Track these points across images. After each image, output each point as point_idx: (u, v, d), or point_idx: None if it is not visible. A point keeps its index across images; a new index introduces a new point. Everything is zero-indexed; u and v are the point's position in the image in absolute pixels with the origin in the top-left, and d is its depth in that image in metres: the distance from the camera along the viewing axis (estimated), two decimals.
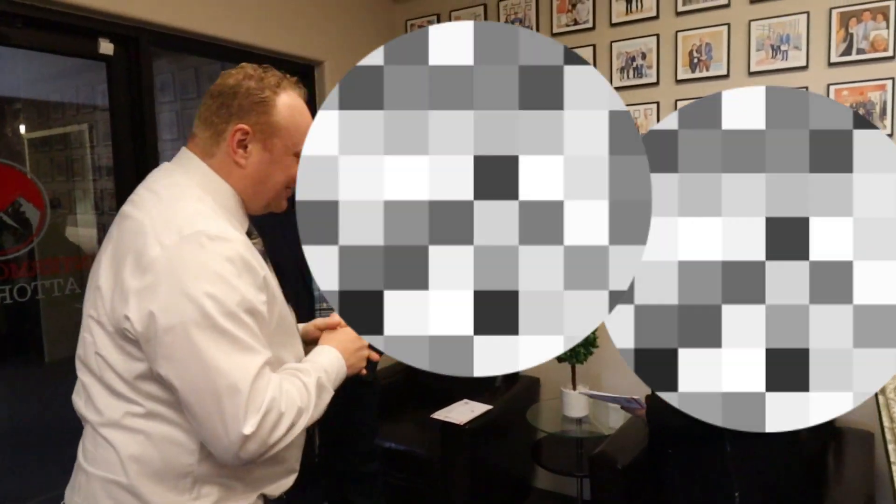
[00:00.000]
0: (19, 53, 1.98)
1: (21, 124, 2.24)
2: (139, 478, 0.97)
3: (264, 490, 1.08)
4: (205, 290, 0.91)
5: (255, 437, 0.91)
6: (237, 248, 0.96)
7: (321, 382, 1.06)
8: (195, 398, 0.91)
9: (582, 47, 2.73)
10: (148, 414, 0.97)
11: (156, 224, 0.96)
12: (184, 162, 1.06)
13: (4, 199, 1.94)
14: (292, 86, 1.09)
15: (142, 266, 0.93)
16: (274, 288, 1.05)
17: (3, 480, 1.93)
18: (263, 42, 2.53)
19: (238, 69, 1.07)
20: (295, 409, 0.97)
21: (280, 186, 1.10)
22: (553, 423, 2.59)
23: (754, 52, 2.40)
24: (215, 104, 1.04)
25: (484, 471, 2.51)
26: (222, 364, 0.90)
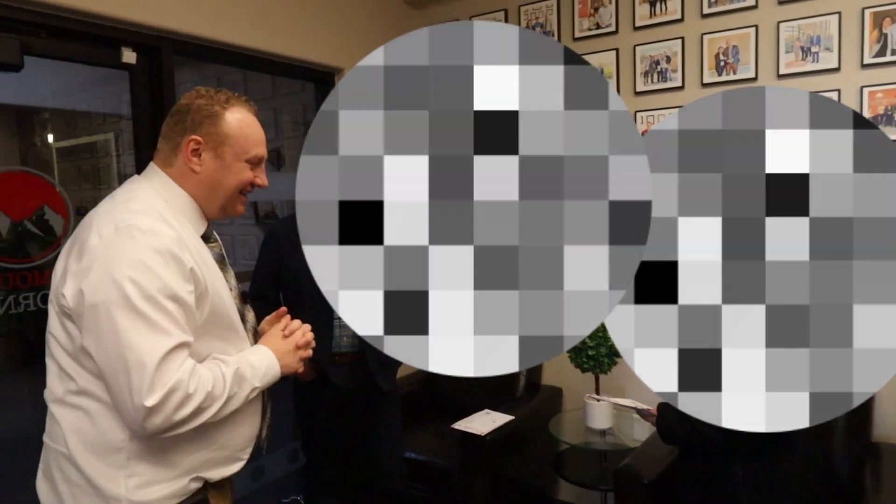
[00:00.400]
0: (47, 65, 2.01)
1: (49, 133, 2.27)
2: (78, 450, 1.08)
3: (203, 474, 1.16)
4: (128, 275, 1.02)
5: (159, 412, 1.00)
6: (165, 242, 1.06)
7: (241, 373, 1.14)
8: (109, 370, 1.02)
9: (604, 51, 2.69)
10: (80, 391, 1.08)
11: (100, 218, 1.09)
12: (148, 173, 1.21)
13: (29, 207, 1.96)
14: (241, 102, 1.22)
15: (81, 253, 1.06)
16: (208, 282, 1.13)
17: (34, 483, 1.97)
18: (284, 50, 2.53)
19: (193, 91, 1.22)
20: (204, 393, 1.06)
21: (232, 190, 1.21)
22: (576, 434, 2.53)
23: (783, 54, 2.34)
24: (173, 121, 1.19)
25: (505, 482, 2.47)
26: (134, 341, 1.00)
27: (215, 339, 1.16)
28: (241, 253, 3.28)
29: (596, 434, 2.48)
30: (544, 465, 2.77)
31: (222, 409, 1.09)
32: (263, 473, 2.80)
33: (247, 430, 1.22)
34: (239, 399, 1.13)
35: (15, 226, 1.93)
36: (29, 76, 1.96)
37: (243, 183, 1.21)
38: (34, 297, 1.95)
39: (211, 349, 1.15)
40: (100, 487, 1.07)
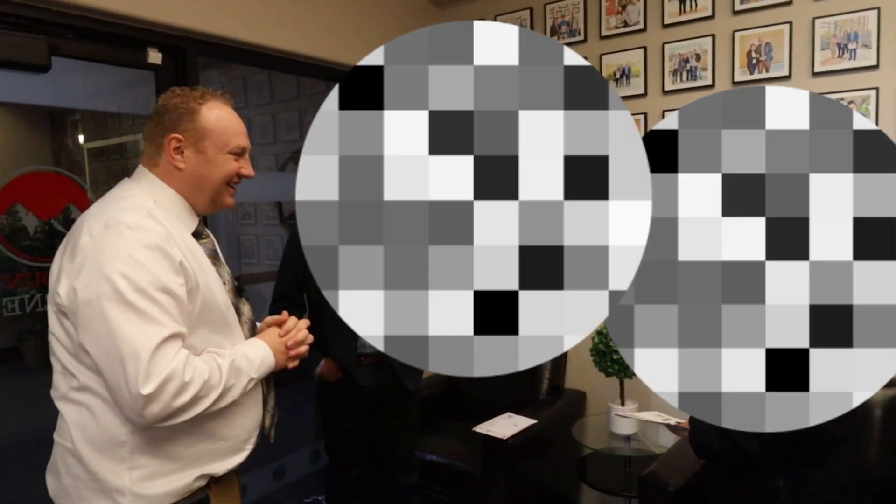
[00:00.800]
0: (78, 66, 2.04)
1: (80, 135, 2.30)
2: (81, 444, 1.10)
3: (206, 468, 1.17)
4: (118, 270, 1.04)
5: (157, 400, 1.02)
6: (153, 237, 1.08)
7: (237, 365, 1.15)
8: (105, 362, 1.04)
9: (632, 49, 2.64)
10: (82, 387, 1.10)
11: (90, 219, 1.13)
12: (137, 175, 1.24)
13: (56, 206, 1.99)
14: (216, 97, 1.24)
15: (74, 252, 1.09)
16: (197, 277, 1.15)
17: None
18: (308, 50, 2.53)
19: (168, 91, 1.24)
20: (201, 382, 1.07)
21: (219, 183, 1.23)
22: (600, 439, 2.49)
23: (819, 51, 2.26)
24: (153, 123, 1.22)
25: (526, 487, 2.43)
26: (126, 332, 1.02)
27: (210, 333, 1.18)
28: (265, 253, 3.30)
29: (620, 439, 2.44)
30: (566, 470, 2.73)
31: (220, 398, 1.11)
32: (285, 473, 2.81)
33: (248, 420, 1.24)
34: (237, 390, 1.15)
35: (42, 225, 1.96)
36: (60, 78, 1.99)
37: (229, 175, 1.23)
38: None
39: (206, 343, 1.16)
40: (104, 481, 1.10)
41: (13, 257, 1.89)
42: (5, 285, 1.87)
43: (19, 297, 1.89)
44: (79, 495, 1.12)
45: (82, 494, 1.12)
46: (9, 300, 1.87)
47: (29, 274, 1.92)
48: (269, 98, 3.33)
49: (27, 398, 2.15)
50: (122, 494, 1.10)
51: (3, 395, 2.10)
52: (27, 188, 1.92)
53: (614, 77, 2.70)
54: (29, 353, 2.11)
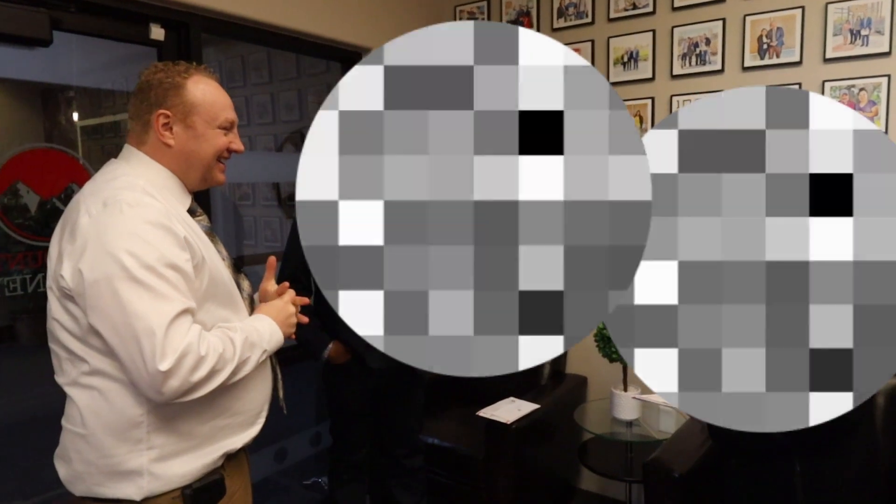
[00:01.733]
0: (73, 43, 1.99)
1: (74, 112, 2.25)
2: (96, 429, 1.09)
3: (221, 444, 1.18)
4: (124, 247, 1.02)
5: (175, 375, 1.01)
6: (155, 214, 1.07)
7: (251, 340, 1.15)
8: (119, 342, 1.02)
9: (640, 33, 2.61)
10: (94, 371, 1.09)
11: (86, 199, 1.10)
12: (125, 154, 1.21)
13: (58, 184, 1.95)
14: (200, 70, 1.22)
15: (73, 233, 1.06)
16: (203, 252, 1.14)
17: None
18: (312, 28, 2.48)
19: (150, 67, 1.21)
20: (216, 355, 1.06)
21: (209, 158, 1.21)
22: (602, 424, 2.50)
23: (831, 37, 2.24)
24: (137, 100, 1.19)
25: (528, 471, 2.44)
26: (139, 309, 1.01)
27: (217, 308, 1.17)
28: (263, 234, 3.26)
29: (622, 424, 2.45)
30: (568, 455, 2.74)
31: (235, 372, 1.11)
32: (286, 455, 2.81)
33: (259, 394, 1.25)
34: (251, 363, 1.15)
35: (44, 203, 1.92)
36: (54, 54, 1.94)
37: (219, 150, 1.21)
38: None
39: (215, 318, 1.15)
40: (120, 463, 1.09)
41: (14, 236, 1.86)
42: (7, 264, 1.84)
43: (21, 277, 1.86)
44: (93, 480, 1.11)
45: (97, 479, 1.10)
46: (10, 279, 1.83)
47: (31, 253, 1.89)
48: (268, 77, 3.27)
49: (22, 378, 2.13)
50: (140, 475, 1.09)
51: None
52: (28, 166, 1.88)
53: (622, 60, 2.67)
54: (24, 333, 2.09)
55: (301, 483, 2.88)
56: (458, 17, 3.16)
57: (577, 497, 2.91)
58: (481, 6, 3.06)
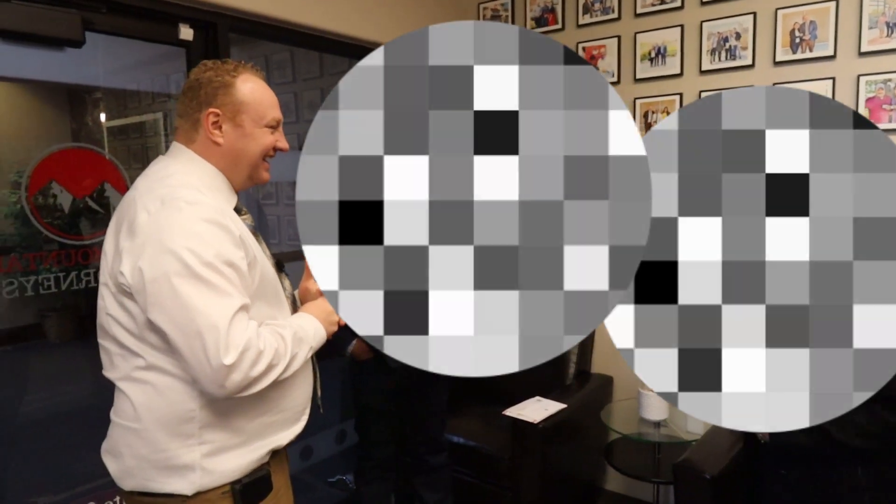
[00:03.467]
0: (100, 44, 2.01)
1: (101, 113, 2.28)
2: (149, 423, 1.10)
3: (268, 440, 1.19)
4: (184, 245, 1.03)
5: (237, 369, 1.02)
6: (211, 211, 1.08)
7: (299, 335, 1.17)
8: (181, 338, 1.03)
9: (668, 28, 2.57)
10: (149, 366, 1.10)
11: (143, 196, 1.11)
12: (174, 152, 1.22)
13: (90, 183, 1.98)
14: (248, 69, 1.23)
15: (132, 230, 1.07)
16: (255, 251, 1.16)
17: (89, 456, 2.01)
18: (336, 27, 2.49)
19: (199, 65, 1.22)
20: (273, 351, 1.08)
21: (257, 157, 1.23)
22: (629, 424, 2.47)
23: (866, 30, 2.19)
24: (187, 98, 1.20)
25: (554, 471, 2.42)
26: (201, 306, 1.02)
27: (265, 306, 1.18)
28: (286, 233, 3.29)
29: (650, 425, 2.42)
30: (594, 455, 2.72)
31: (288, 367, 1.12)
32: (312, 453, 2.82)
33: (302, 392, 1.27)
34: (300, 359, 1.16)
35: (76, 203, 1.95)
36: (81, 55, 1.97)
37: (266, 148, 1.23)
38: (95, 273, 1.97)
39: (262, 316, 1.16)
40: (172, 459, 1.10)
41: (48, 234, 1.89)
42: (41, 262, 1.87)
43: (54, 275, 1.88)
44: (145, 475, 1.12)
45: (149, 474, 1.11)
46: (45, 277, 1.86)
47: (64, 252, 1.92)
48: (291, 77, 3.29)
49: (50, 375, 2.17)
50: (192, 470, 1.10)
51: (27, 372, 2.11)
52: (61, 165, 1.90)
53: (649, 56, 2.64)
54: (52, 330, 2.12)
55: (326, 480, 2.89)
56: (481, 15, 3.15)
57: (602, 498, 2.88)
58: (505, 3, 3.04)
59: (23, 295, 1.82)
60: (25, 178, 1.83)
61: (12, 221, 1.88)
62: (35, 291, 1.85)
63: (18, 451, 2.01)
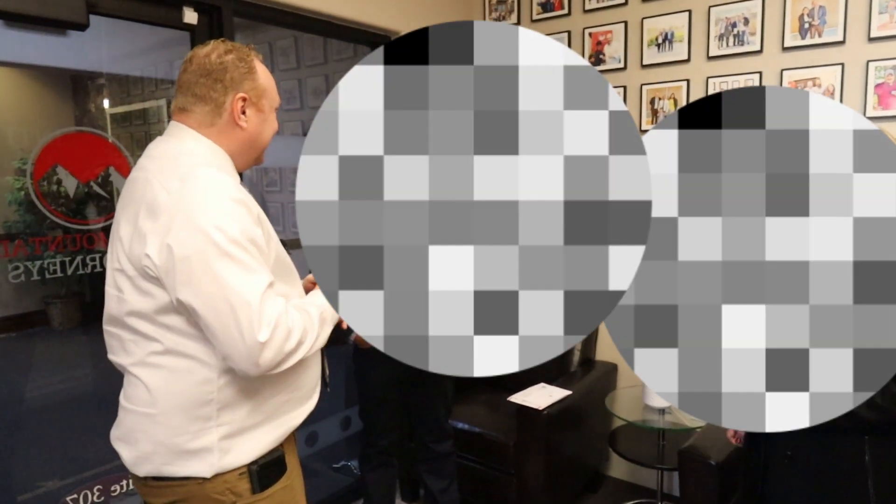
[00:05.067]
0: (103, 30, 2.00)
1: (105, 99, 2.27)
2: (167, 407, 1.09)
3: (284, 419, 1.19)
4: (210, 222, 1.02)
5: (271, 345, 1.02)
6: (231, 189, 1.07)
7: (323, 315, 1.18)
8: (213, 315, 1.02)
9: (676, 13, 2.55)
10: (167, 350, 1.09)
11: (159, 176, 1.09)
12: (175, 132, 1.17)
13: (95, 168, 1.97)
14: (256, 52, 1.23)
15: (154, 211, 1.05)
16: (269, 228, 1.16)
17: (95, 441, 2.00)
18: (342, 11, 2.47)
19: (211, 47, 1.18)
20: (301, 327, 1.09)
21: (269, 140, 1.25)
22: (634, 412, 2.48)
23: (876, 14, 2.16)
24: (209, 81, 1.15)
25: (558, 457, 2.43)
26: (233, 282, 1.02)
27: (281, 284, 1.17)
28: (290, 221, 3.28)
29: (654, 412, 2.43)
30: (598, 442, 2.73)
31: (314, 345, 1.13)
32: (317, 439, 2.83)
33: (314, 370, 1.27)
34: (323, 338, 1.17)
35: (81, 188, 1.94)
36: (84, 41, 1.96)
37: (275, 132, 1.25)
38: (100, 258, 1.97)
39: (280, 292, 1.15)
40: (190, 442, 1.09)
41: (54, 219, 1.88)
42: (46, 247, 1.86)
43: (60, 260, 1.88)
44: (162, 460, 1.11)
45: (165, 458, 1.11)
46: (50, 262, 1.86)
47: (69, 236, 1.91)
48: (295, 63, 3.28)
49: (56, 361, 2.18)
50: (210, 452, 1.10)
51: (33, 358, 2.12)
52: (66, 150, 1.89)
53: (656, 42, 2.61)
54: (56, 317, 2.12)
55: (331, 466, 2.90)
56: (487, 1, 3.12)
57: (606, 484, 2.90)
58: None
59: (28, 279, 1.82)
60: (30, 163, 1.82)
61: (16, 207, 1.88)
62: (41, 276, 1.84)
63: (24, 436, 2.02)
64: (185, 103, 1.17)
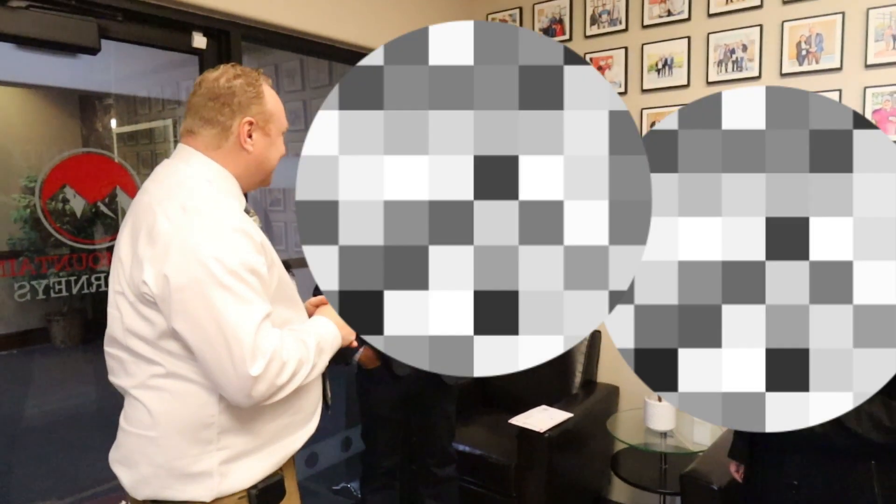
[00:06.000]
0: (112, 51, 2.03)
1: (112, 119, 2.31)
2: (167, 431, 1.09)
3: (285, 442, 1.19)
4: (208, 253, 1.02)
5: (264, 379, 1.02)
6: (233, 218, 1.08)
7: (321, 344, 1.18)
8: (207, 347, 1.02)
9: (675, 39, 2.59)
10: (169, 374, 1.08)
11: (162, 203, 1.09)
12: (183, 155, 1.18)
13: (103, 189, 2.00)
14: (265, 77, 1.24)
15: (153, 237, 1.05)
16: (272, 254, 1.15)
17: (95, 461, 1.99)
18: (347, 37, 2.52)
19: (220, 71, 1.19)
20: (296, 359, 1.09)
21: (275, 164, 1.26)
22: (635, 435, 2.46)
23: (872, 42, 2.20)
24: (217, 105, 1.16)
25: (560, 480, 2.42)
26: (228, 315, 1.01)
27: (284, 309, 1.18)
28: (293, 240, 3.30)
29: (656, 435, 2.41)
30: (600, 465, 2.71)
31: (309, 374, 1.13)
32: (317, 460, 2.82)
33: (314, 393, 1.27)
34: (320, 368, 1.18)
35: (89, 208, 1.97)
36: (92, 62, 1.99)
37: (282, 155, 1.25)
38: (105, 277, 1.99)
39: (281, 319, 1.16)
40: (190, 465, 1.09)
41: (60, 237, 1.90)
42: (52, 266, 1.88)
43: (64, 279, 1.90)
44: (161, 483, 1.10)
45: (165, 482, 1.10)
46: (55, 280, 1.87)
47: (75, 256, 1.93)
48: (301, 85, 3.32)
49: (56, 379, 2.18)
50: (210, 476, 1.09)
51: (33, 375, 2.12)
52: (75, 170, 1.92)
53: (656, 67, 2.65)
54: (58, 335, 2.13)
55: (331, 488, 2.88)
56: None
57: None
58: (513, 14, 3.07)
59: (34, 298, 1.83)
60: (39, 182, 1.84)
61: (22, 225, 1.90)
62: (46, 295, 1.86)
63: (23, 454, 2.01)
64: (193, 126, 1.18)
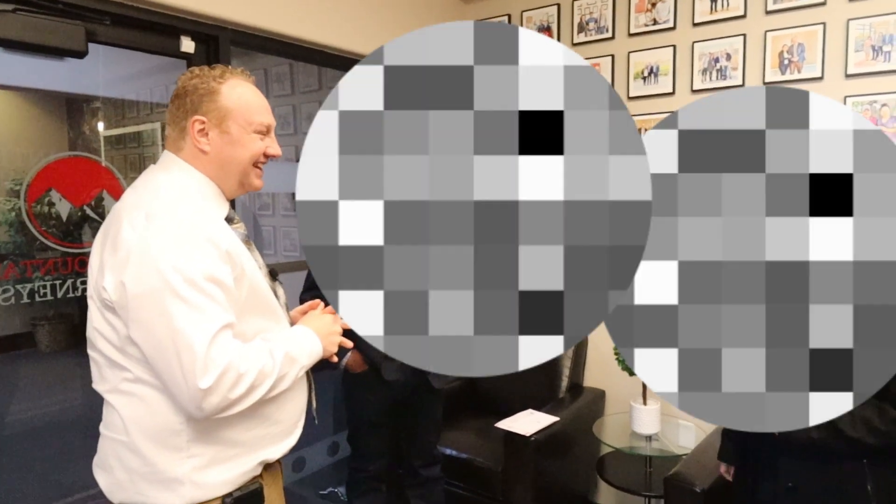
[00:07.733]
0: (100, 54, 2.03)
1: (99, 122, 2.30)
2: (137, 436, 1.09)
3: (262, 452, 1.16)
4: (168, 262, 1.01)
5: (215, 392, 1.00)
6: (198, 227, 1.06)
7: (291, 355, 1.14)
8: (159, 356, 1.02)
9: (661, 48, 2.62)
10: (137, 379, 1.08)
11: (128, 210, 1.09)
12: (165, 162, 1.19)
13: (89, 192, 1.99)
14: (237, 75, 1.20)
15: (116, 245, 1.05)
16: (243, 263, 1.12)
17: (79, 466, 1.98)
18: (336, 42, 2.52)
19: (187, 72, 1.20)
20: (256, 372, 1.05)
21: (246, 164, 1.19)
22: (621, 438, 2.49)
23: (853, 52, 2.24)
24: (174, 106, 1.18)
25: (546, 483, 2.43)
26: (181, 325, 1.00)
27: (258, 319, 1.16)
28: (283, 244, 3.30)
29: (641, 439, 2.43)
30: (585, 468, 2.73)
31: (274, 386, 1.10)
32: (304, 465, 2.81)
33: (297, 404, 1.24)
34: (290, 378, 1.14)
35: (75, 211, 1.96)
36: (80, 65, 1.99)
37: (255, 155, 1.18)
38: None
39: (255, 329, 1.14)
40: (162, 472, 1.08)
41: (47, 242, 1.89)
42: (37, 269, 1.87)
43: (51, 283, 1.89)
44: (135, 489, 1.10)
45: (139, 487, 1.10)
46: (40, 284, 1.86)
47: (61, 259, 1.92)
48: (290, 89, 3.32)
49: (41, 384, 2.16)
50: (181, 484, 1.08)
51: (18, 381, 2.10)
52: (61, 174, 1.91)
53: (642, 75, 2.69)
54: (43, 339, 2.12)
55: (318, 493, 2.88)
56: None
57: None
58: (502, 21, 3.09)
59: (18, 302, 1.82)
60: (25, 186, 1.84)
61: (7, 228, 1.89)
62: (31, 299, 1.85)
63: (7, 460, 1.99)
64: (167, 129, 1.20)
